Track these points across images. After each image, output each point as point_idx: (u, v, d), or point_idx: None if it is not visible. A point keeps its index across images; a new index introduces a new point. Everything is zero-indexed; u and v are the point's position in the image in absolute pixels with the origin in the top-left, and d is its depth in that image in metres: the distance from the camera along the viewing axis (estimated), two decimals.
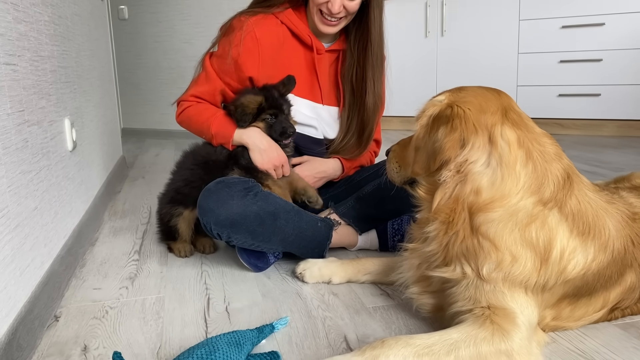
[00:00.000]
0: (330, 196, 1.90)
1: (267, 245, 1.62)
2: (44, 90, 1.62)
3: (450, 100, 1.16)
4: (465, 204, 1.12)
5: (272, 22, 1.70)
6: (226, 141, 1.69)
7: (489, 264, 1.11)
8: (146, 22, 5.10)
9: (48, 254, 1.52)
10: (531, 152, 1.11)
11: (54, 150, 1.69)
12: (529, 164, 1.10)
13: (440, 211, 1.15)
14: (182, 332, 1.33)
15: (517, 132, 1.11)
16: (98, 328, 1.36)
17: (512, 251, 1.10)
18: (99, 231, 2.20)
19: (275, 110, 1.69)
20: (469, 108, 1.12)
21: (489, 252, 1.10)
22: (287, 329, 1.32)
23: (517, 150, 1.10)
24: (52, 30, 1.80)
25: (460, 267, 1.14)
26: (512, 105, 1.17)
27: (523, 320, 1.10)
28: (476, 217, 1.11)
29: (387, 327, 1.33)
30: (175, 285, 1.62)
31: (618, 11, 4.00)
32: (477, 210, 1.10)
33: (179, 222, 1.81)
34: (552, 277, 1.11)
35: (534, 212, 1.09)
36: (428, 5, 4.67)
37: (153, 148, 4.57)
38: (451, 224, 1.14)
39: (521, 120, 1.15)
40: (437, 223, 1.17)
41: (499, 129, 1.11)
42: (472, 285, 1.14)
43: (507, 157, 1.09)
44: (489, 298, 1.12)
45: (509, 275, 1.10)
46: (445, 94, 1.21)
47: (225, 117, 1.71)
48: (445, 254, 1.17)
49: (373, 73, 1.78)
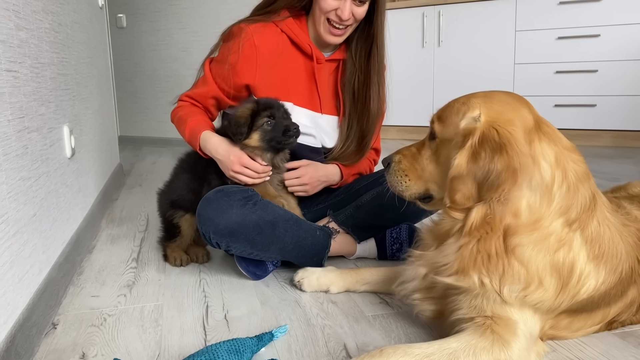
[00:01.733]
0: (328, 204, 1.90)
1: (265, 254, 1.62)
2: (43, 97, 1.62)
3: (490, 119, 1.09)
4: (502, 224, 1.08)
5: (271, 30, 1.71)
6: (198, 150, 1.70)
7: (514, 285, 1.08)
8: (144, 31, 5.11)
9: (46, 261, 1.52)
10: (567, 172, 1.08)
11: (53, 157, 1.68)
12: (564, 184, 1.08)
13: (476, 229, 1.10)
14: (181, 340, 1.32)
15: (555, 150, 1.08)
16: (96, 336, 1.35)
17: (541, 276, 1.08)
18: (96, 239, 2.19)
19: (271, 111, 1.63)
20: (514, 129, 1.06)
21: (519, 274, 1.08)
22: (287, 337, 1.32)
23: (556, 170, 1.07)
24: (53, 38, 1.81)
25: (479, 279, 1.10)
26: (540, 116, 1.14)
27: (524, 330, 1.10)
28: (512, 238, 1.07)
29: (387, 335, 1.32)
30: (173, 293, 1.61)
31: (613, 23, 4.03)
32: (514, 233, 1.07)
33: (182, 222, 1.81)
34: (566, 301, 1.11)
35: (562, 236, 1.08)
36: (425, 15, 4.70)
37: (150, 156, 4.56)
38: (484, 240, 1.10)
39: (553, 133, 1.12)
40: (468, 238, 1.12)
41: (539, 147, 1.07)
42: (481, 296, 1.12)
43: (547, 179, 1.07)
44: (495, 309, 1.11)
45: (526, 298, 1.09)
46: (476, 105, 1.12)
47: (196, 125, 1.69)
48: (461, 265, 1.12)
49: (378, 79, 1.79)
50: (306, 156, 1.81)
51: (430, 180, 1.24)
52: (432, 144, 1.22)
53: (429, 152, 1.23)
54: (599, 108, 4.18)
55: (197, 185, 1.74)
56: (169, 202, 1.84)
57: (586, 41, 4.15)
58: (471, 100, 1.14)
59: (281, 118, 1.64)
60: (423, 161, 1.24)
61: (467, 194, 1.10)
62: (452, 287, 1.17)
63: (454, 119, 1.15)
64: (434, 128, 1.20)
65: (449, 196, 1.12)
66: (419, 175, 1.25)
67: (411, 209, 1.79)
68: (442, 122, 1.18)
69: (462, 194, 1.10)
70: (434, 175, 1.22)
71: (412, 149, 1.29)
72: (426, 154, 1.24)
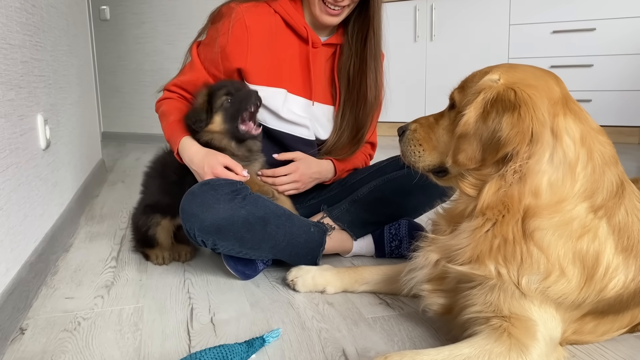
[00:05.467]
0: (322, 199, 1.79)
1: (256, 252, 1.50)
2: (13, 82, 1.49)
3: (509, 82, 0.99)
4: (522, 204, 0.98)
5: (264, 10, 1.59)
6: (176, 154, 1.58)
7: (532, 275, 0.98)
8: (128, 23, 4.96)
9: (15, 259, 1.39)
10: (592, 152, 0.99)
11: (24, 148, 1.55)
12: (589, 165, 0.98)
13: (490, 208, 1.01)
14: (163, 346, 1.20)
15: (580, 127, 0.99)
16: (68, 342, 1.23)
17: (562, 265, 0.98)
18: (74, 236, 2.06)
19: (227, 89, 1.52)
20: (535, 94, 0.97)
21: (538, 263, 0.98)
22: (280, 342, 1.20)
23: (580, 149, 0.98)
24: (24, 19, 1.67)
25: (495, 268, 1.01)
26: (569, 93, 1.04)
27: (544, 334, 0.99)
28: (531, 221, 0.98)
29: (389, 339, 1.21)
30: (155, 294, 1.49)
31: (609, 16, 3.96)
32: (534, 215, 0.98)
33: (158, 231, 1.70)
34: (591, 296, 1.00)
35: (587, 222, 0.98)
36: (417, 9, 4.60)
37: (134, 152, 4.42)
38: (500, 223, 1.00)
39: (581, 111, 1.02)
40: (482, 219, 1.03)
41: (563, 121, 0.98)
42: (498, 289, 1.01)
43: (571, 156, 0.97)
44: (512, 306, 1.00)
45: (548, 290, 0.98)
46: (496, 71, 1.03)
47: (175, 126, 1.58)
48: (475, 251, 1.03)
49: (375, 65, 1.67)
50: (299, 149, 1.70)
51: (445, 152, 1.12)
52: (450, 113, 1.13)
53: (446, 122, 1.13)
54: (595, 103, 4.11)
55: (174, 187, 1.62)
56: (143, 207, 1.72)
57: (581, 35, 4.07)
58: (493, 68, 1.06)
59: (240, 93, 1.52)
60: (439, 131, 1.14)
61: (470, 155, 1.01)
62: (465, 279, 1.06)
63: (474, 86, 1.05)
64: (454, 96, 1.11)
65: (452, 155, 1.05)
66: (434, 145, 1.15)
67: (411, 203, 1.70)
68: (461, 90, 1.10)
69: (465, 154, 1.02)
70: (449, 146, 1.10)
71: (430, 119, 1.19)
72: (444, 123, 1.14)
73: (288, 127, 1.67)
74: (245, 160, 1.58)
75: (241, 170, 1.51)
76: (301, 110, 1.68)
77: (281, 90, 1.64)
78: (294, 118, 1.66)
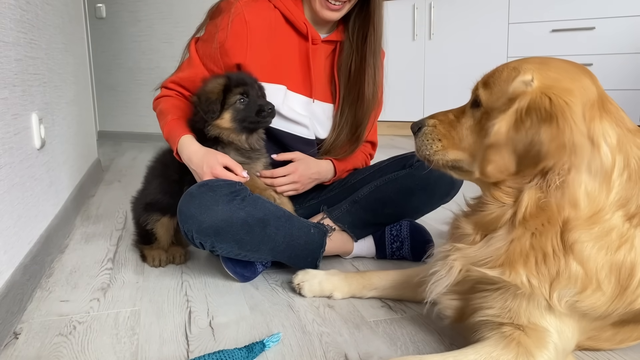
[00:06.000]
0: (322, 200, 1.76)
1: (255, 255, 1.47)
2: (7, 80, 1.46)
3: (544, 85, 0.92)
4: (561, 216, 0.93)
5: (263, 5, 1.56)
6: (175, 153, 1.55)
7: (566, 290, 0.94)
8: (125, 21, 4.92)
9: (9, 262, 1.35)
10: (629, 158, 0.94)
11: (18, 147, 1.52)
12: (625, 172, 0.93)
13: (531, 219, 0.95)
14: (160, 351, 1.17)
15: (617, 131, 0.94)
16: (63, 347, 1.20)
17: (599, 279, 0.93)
18: (69, 237, 2.02)
19: (244, 88, 1.47)
20: (572, 100, 0.90)
21: (576, 277, 0.93)
22: (280, 347, 1.17)
23: (617, 156, 0.93)
24: (19, 16, 1.64)
25: (527, 279, 0.95)
26: (604, 91, 0.98)
27: (557, 344, 0.96)
28: (571, 234, 0.93)
29: (392, 343, 1.19)
30: (152, 297, 1.46)
31: (608, 15, 3.94)
32: (573, 227, 0.93)
33: (157, 227, 1.66)
34: (620, 308, 0.95)
35: (623, 231, 0.93)
36: (416, 7, 4.58)
37: (130, 151, 4.38)
38: (540, 234, 0.95)
39: (617, 111, 0.96)
40: (522, 229, 0.96)
41: (600, 126, 0.92)
42: (522, 296, 0.97)
43: (607, 165, 0.92)
44: (532, 315, 0.96)
45: (578, 303, 0.94)
46: (528, 70, 0.95)
47: (176, 126, 1.54)
48: (508, 258, 0.97)
49: (374, 62, 1.64)
50: (298, 148, 1.67)
51: (469, 152, 1.06)
52: (475, 112, 1.05)
53: (470, 121, 1.06)
54: None
55: (174, 187, 1.59)
56: (143, 205, 1.69)
57: (581, 34, 4.05)
58: (523, 65, 0.98)
59: (255, 96, 1.49)
60: (463, 130, 1.06)
61: (501, 167, 0.95)
62: (486, 281, 1.01)
63: (503, 85, 0.99)
64: (479, 94, 1.04)
65: (480, 167, 0.99)
66: (456, 144, 1.08)
67: (412, 204, 1.67)
68: (489, 88, 1.02)
69: (495, 165, 0.96)
70: (474, 148, 1.04)
71: (449, 116, 1.12)
72: (467, 122, 1.06)
73: (288, 126, 1.64)
74: (248, 158, 1.55)
75: (241, 171, 1.48)
76: (301, 108, 1.66)
77: (281, 87, 1.61)
78: (294, 116, 1.63)
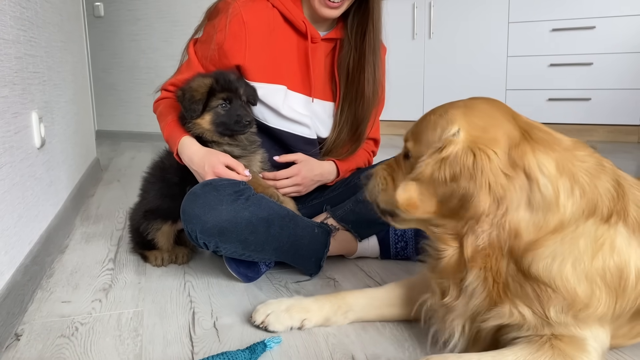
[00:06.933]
0: (325, 199, 1.75)
1: (259, 255, 1.45)
2: (7, 78, 1.44)
3: (470, 136, 0.93)
4: (504, 249, 0.93)
5: (261, 5, 1.55)
6: (175, 155, 1.53)
7: (556, 306, 0.92)
8: (123, 20, 4.89)
9: (9, 262, 1.33)
10: (576, 176, 0.92)
11: (18, 146, 1.50)
12: (576, 189, 0.91)
13: (475, 259, 0.95)
14: (164, 353, 1.15)
15: (554, 156, 0.92)
16: (66, 348, 1.18)
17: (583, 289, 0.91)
18: (69, 237, 2.01)
19: (228, 94, 1.47)
20: (497, 150, 0.91)
21: (554, 295, 0.91)
22: (286, 348, 1.16)
23: (560, 180, 0.91)
24: (18, 13, 1.62)
25: (517, 310, 0.95)
26: (529, 121, 0.98)
27: (595, 347, 0.94)
28: (524, 259, 0.92)
29: (399, 345, 1.17)
30: (155, 298, 1.44)
31: (609, 14, 3.94)
32: (524, 252, 0.92)
33: (158, 236, 1.66)
34: (629, 304, 0.94)
35: (598, 235, 0.92)
36: (415, 6, 4.57)
37: (129, 151, 4.36)
38: (492, 272, 0.95)
39: (548, 136, 0.96)
40: (476, 271, 0.96)
41: (534, 160, 0.91)
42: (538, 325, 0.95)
43: (549, 194, 0.90)
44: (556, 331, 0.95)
45: (580, 314, 0.92)
46: (455, 119, 0.95)
47: (174, 126, 1.54)
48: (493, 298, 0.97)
49: (374, 59, 1.62)
50: (300, 148, 1.65)
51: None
52: (406, 163, 1.05)
53: (401, 172, 1.06)
54: (594, 102, 4.09)
55: (175, 190, 1.57)
56: (142, 213, 1.67)
57: (581, 33, 4.05)
58: (449, 112, 0.98)
59: (237, 105, 1.48)
60: (399, 177, 1.06)
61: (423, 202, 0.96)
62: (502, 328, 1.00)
63: (429, 135, 0.98)
64: (408, 146, 1.04)
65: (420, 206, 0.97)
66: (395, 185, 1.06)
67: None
68: (417, 139, 1.02)
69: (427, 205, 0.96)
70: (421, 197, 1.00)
71: (391, 162, 1.13)
72: (400, 172, 1.06)
73: (289, 126, 1.62)
74: (244, 150, 1.54)
75: (243, 170, 1.46)
76: (302, 108, 1.64)
77: (281, 87, 1.59)
78: (294, 116, 1.62)
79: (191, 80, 1.51)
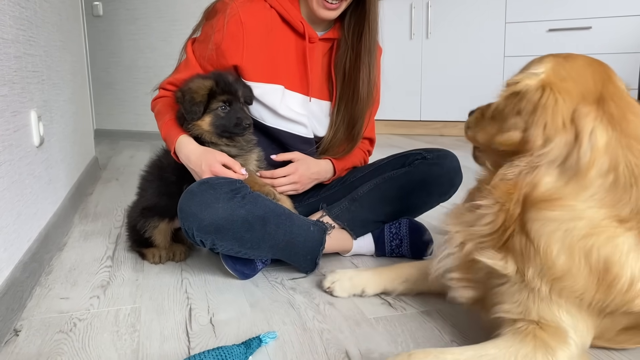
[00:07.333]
0: (322, 197, 1.76)
1: (255, 252, 1.47)
2: (6, 77, 1.46)
3: (548, 79, 0.97)
4: (522, 193, 0.98)
5: (259, 5, 1.56)
6: (172, 153, 1.55)
7: (534, 268, 0.96)
8: (122, 19, 4.91)
9: (8, 259, 1.35)
10: (618, 162, 0.93)
11: (17, 145, 1.52)
12: (611, 175, 0.93)
13: (496, 188, 1.01)
14: (161, 348, 1.17)
15: (612, 135, 0.94)
16: (64, 343, 1.20)
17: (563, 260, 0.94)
18: (68, 235, 2.02)
19: (228, 97, 1.48)
20: (564, 98, 0.95)
21: (535, 256, 0.96)
22: (281, 344, 1.18)
23: (602, 157, 0.93)
24: (18, 13, 1.64)
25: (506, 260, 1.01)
26: (615, 91, 0.99)
27: (575, 339, 0.96)
28: (528, 213, 0.96)
29: (392, 340, 1.19)
30: (152, 295, 1.46)
31: (605, 15, 3.96)
32: (531, 205, 0.96)
33: (155, 234, 1.67)
34: (613, 304, 0.95)
35: (603, 225, 0.93)
36: (413, 6, 4.58)
37: (128, 150, 4.37)
38: (504, 210, 1.00)
39: (620, 114, 0.96)
40: (491, 199, 1.02)
41: (591, 124, 0.94)
42: (525, 288, 0.99)
43: (584, 162, 0.93)
44: (541, 310, 0.97)
45: (556, 285, 0.95)
46: (547, 63, 1.01)
47: (171, 125, 1.55)
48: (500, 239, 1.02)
49: (369, 60, 1.64)
50: (297, 147, 1.67)
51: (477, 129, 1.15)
52: None
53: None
54: None
55: (172, 188, 1.58)
56: (139, 210, 1.69)
57: (577, 34, 4.06)
58: (546, 57, 1.04)
59: (237, 108, 1.50)
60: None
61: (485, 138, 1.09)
62: (494, 274, 1.04)
63: (523, 76, 1.04)
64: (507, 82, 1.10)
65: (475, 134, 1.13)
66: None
67: (411, 202, 1.68)
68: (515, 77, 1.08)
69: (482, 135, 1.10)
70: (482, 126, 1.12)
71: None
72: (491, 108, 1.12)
73: (286, 125, 1.64)
74: (241, 149, 1.56)
75: (239, 169, 1.48)
76: (299, 107, 1.66)
77: (278, 87, 1.61)
78: (292, 115, 1.63)
79: (190, 81, 1.52)
